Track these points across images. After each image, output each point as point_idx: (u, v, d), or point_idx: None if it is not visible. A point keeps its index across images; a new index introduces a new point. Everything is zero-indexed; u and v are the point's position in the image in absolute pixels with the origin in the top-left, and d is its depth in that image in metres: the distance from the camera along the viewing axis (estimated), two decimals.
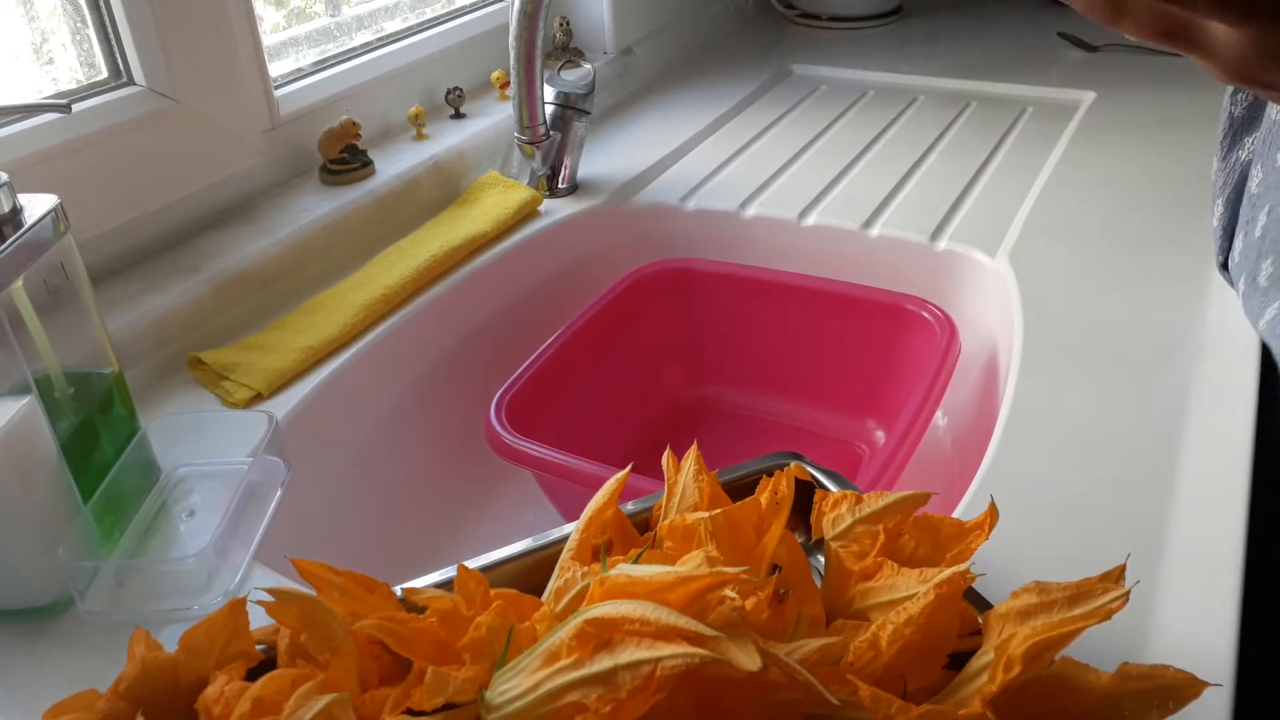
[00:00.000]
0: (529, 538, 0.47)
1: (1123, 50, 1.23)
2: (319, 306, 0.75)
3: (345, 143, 0.87)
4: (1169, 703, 0.36)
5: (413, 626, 0.38)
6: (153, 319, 0.70)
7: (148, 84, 0.77)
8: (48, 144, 0.69)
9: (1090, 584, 0.36)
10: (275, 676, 0.36)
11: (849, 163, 0.99)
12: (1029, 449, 0.58)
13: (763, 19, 1.48)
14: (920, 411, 0.65)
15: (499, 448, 0.67)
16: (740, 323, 0.88)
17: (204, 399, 0.67)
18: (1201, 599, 0.47)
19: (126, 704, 0.37)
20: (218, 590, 0.50)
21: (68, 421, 0.54)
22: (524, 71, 0.88)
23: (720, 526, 0.40)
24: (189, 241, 0.79)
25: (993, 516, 0.42)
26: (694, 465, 0.45)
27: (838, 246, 0.88)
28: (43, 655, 0.48)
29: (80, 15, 0.75)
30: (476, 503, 0.82)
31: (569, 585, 0.39)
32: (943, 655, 0.38)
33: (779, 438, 0.87)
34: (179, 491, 0.59)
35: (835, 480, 0.49)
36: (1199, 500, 0.53)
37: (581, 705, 0.33)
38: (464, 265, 0.84)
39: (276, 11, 0.93)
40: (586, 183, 0.97)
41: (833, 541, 0.44)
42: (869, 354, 0.82)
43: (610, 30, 1.17)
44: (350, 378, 0.72)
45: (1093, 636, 0.36)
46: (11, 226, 0.50)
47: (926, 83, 1.19)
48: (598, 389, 0.83)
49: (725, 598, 0.34)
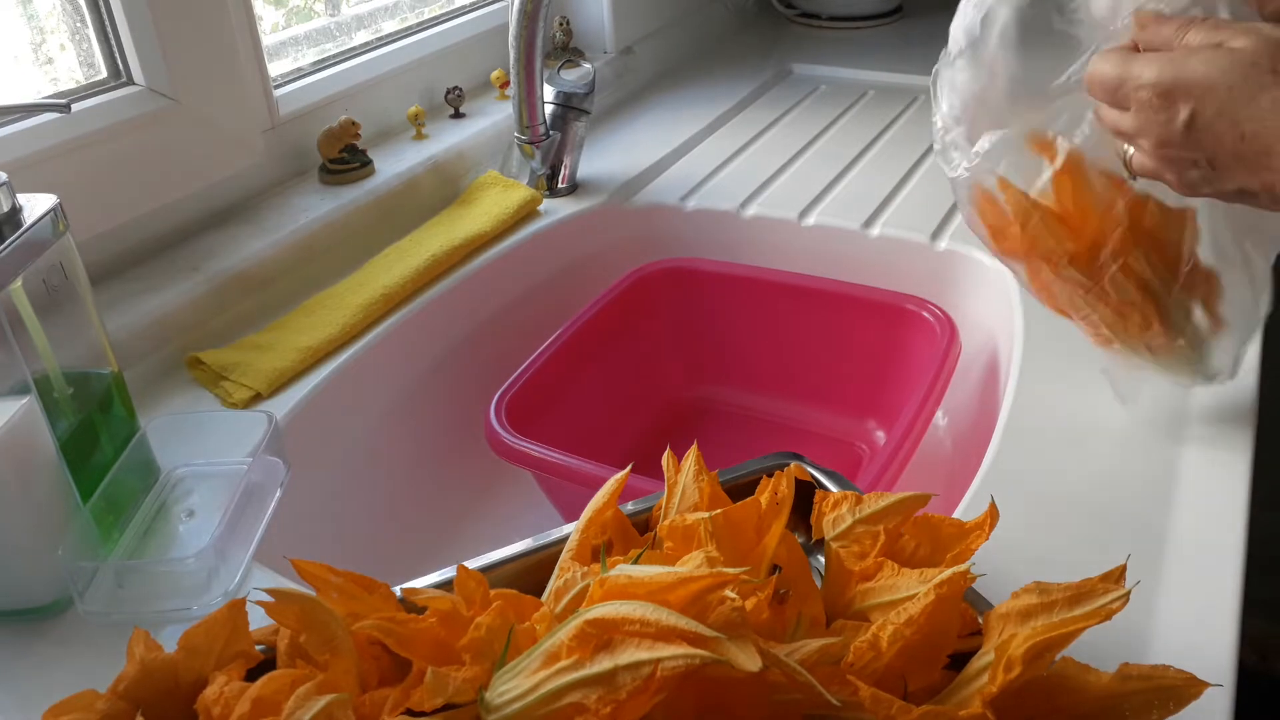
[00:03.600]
0: (529, 538, 0.47)
1: None
2: (318, 306, 0.75)
3: (345, 143, 0.87)
4: (1169, 703, 0.36)
5: (413, 627, 0.38)
6: (152, 319, 0.70)
7: (148, 84, 0.77)
8: (48, 144, 0.69)
9: (1090, 584, 0.36)
10: (275, 677, 0.36)
11: (849, 163, 0.99)
12: (1029, 449, 0.58)
13: (763, 19, 1.48)
14: (920, 411, 0.65)
15: (499, 448, 0.67)
16: (740, 323, 0.88)
17: (204, 399, 0.67)
18: (1201, 599, 0.47)
19: (126, 704, 0.37)
20: (217, 590, 0.50)
21: (67, 421, 0.54)
22: (524, 71, 0.88)
23: (720, 527, 0.40)
24: (188, 241, 0.79)
25: (993, 516, 0.42)
26: (694, 465, 0.45)
27: (838, 246, 0.88)
28: (43, 655, 0.48)
29: (80, 15, 0.75)
30: (476, 503, 0.82)
31: (569, 585, 0.39)
32: (943, 656, 0.38)
33: (779, 438, 0.87)
34: (179, 492, 0.59)
35: (835, 480, 0.49)
36: (1199, 500, 0.53)
37: (581, 706, 0.33)
38: (464, 265, 0.83)
39: (276, 11, 0.93)
40: (586, 183, 0.97)
41: (833, 542, 0.44)
42: (869, 354, 0.82)
43: (610, 30, 1.17)
44: (350, 378, 0.72)
45: (1093, 636, 0.36)
46: (11, 226, 0.50)
47: (926, 83, 1.18)
48: (598, 389, 0.83)
49: (725, 598, 0.34)
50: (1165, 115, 0.43)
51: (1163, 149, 0.44)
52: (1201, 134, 0.43)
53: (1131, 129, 0.46)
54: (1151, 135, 0.44)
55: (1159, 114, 0.44)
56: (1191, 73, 0.43)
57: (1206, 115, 0.42)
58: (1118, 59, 0.46)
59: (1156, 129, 0.44)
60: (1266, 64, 0.41)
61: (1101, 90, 0.46)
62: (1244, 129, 0.42)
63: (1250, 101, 0.41)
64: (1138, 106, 0.45)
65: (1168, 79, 0.43)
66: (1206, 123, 0.42)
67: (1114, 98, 0.46)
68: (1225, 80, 0.42)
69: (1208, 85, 0.42)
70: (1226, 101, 0.42)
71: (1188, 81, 0.43)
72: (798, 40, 1.39)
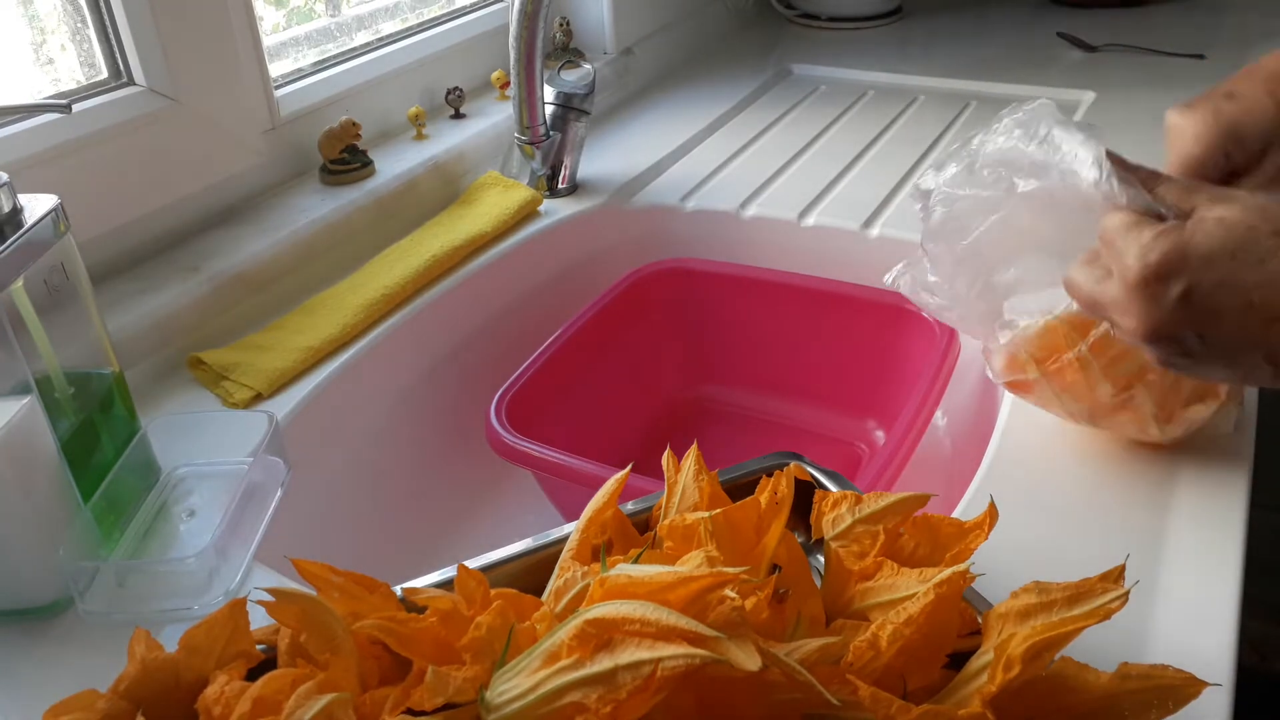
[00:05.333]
0: (529, 538, 0.47)
1: (1122, 51, 1.23)
2: (319, 306, 0.75)
3: (345, 143, 0.87)
4: (1169, 703, 0.36)
5: (413, 626, 0.38)
6: (153, 319, 0.70)
7: (148, 84, 0.77)
8: (48, 144, 0.69)
9: (1090, 584, 0.36)
10: (275, 676, 0.36)
11: (849, 163, 0.99)
12: (1029, 449, 0.58)
13: (763, 19, 1.48)
14: (920, 411, 0.65)
15: (499, 448, 0.67)
16: (740, 323, 0.88)
17: (204, 399, 0.67)
18: (1201, 599, 0.47)
19: (126, 704, 0.37)
20: (218, 590, 0.50)
21: (68, 421, 0.54)
22: (524, 71, 0.88)
23: (720, 526, 0.40)
24: (189, 241, 0.79)
25: (992, 516, 0.42)
26: (694, 465, 0.45)
27: (838, 246, 0.88)
28: (43, 655, 0.48)
29: (80, 15, 0.75)
30: (476, 503, 0.82)
31: (569, 585, 0.40)
32: (942, 655, 0.38)
33: (779, 438, 0.87)
34: (179, 491, 0.59)
35: (835, 480, 0.49)
36: (1198, 500, 0.53)
37: (582, 705, 0.33)
38: (464, 265, 0.84)
39: (276, 11, 0.93)
40: (586, 183, 0.97)
41: (833, 541, 0.44)
42: (869, 354, 0.82)
43: (610, 30, 1.17)
44: (350, 378, 0.72)
45: (1093, 636, 0.36)
46: (11, 226, 0.50)
47: (926, 83, 1.19)
48: (598, 389, 0.83)
49: (725, 598, 0.34)
50: (1155, 290, 0.41)
51: (1150, 327, 0.42)
52: (1197, 308, 0.41)
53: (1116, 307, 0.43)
54: (1136, 314, 0.42)
55: (1148, 289, 0.41)
56: (1190, 244, 0.40)
57: (1205, 287, 0.40)
58: (1090, 263, 0.45)
59: (1142, 306, 0.42)
60: (1265, 228, 0.40)
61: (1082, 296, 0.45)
62: (1252, 297, 0.40)
63: (1258, 267, 0.39)
64: (1124, 288, 0.42)
65: (1160, 253, 0.41)
66: (1205, 294, 0.40)
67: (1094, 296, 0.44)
68: (1225, 249, 0.40)
69: (1206, 256, 0.40)
70: (1229, 271, 0.40)
71: (1184, 253, 0.40)
72: (797, 40, 1.39)
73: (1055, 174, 0.47)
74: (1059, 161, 0.47)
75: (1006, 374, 0.56)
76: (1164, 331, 0.42)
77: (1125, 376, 0.52)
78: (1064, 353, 0.53)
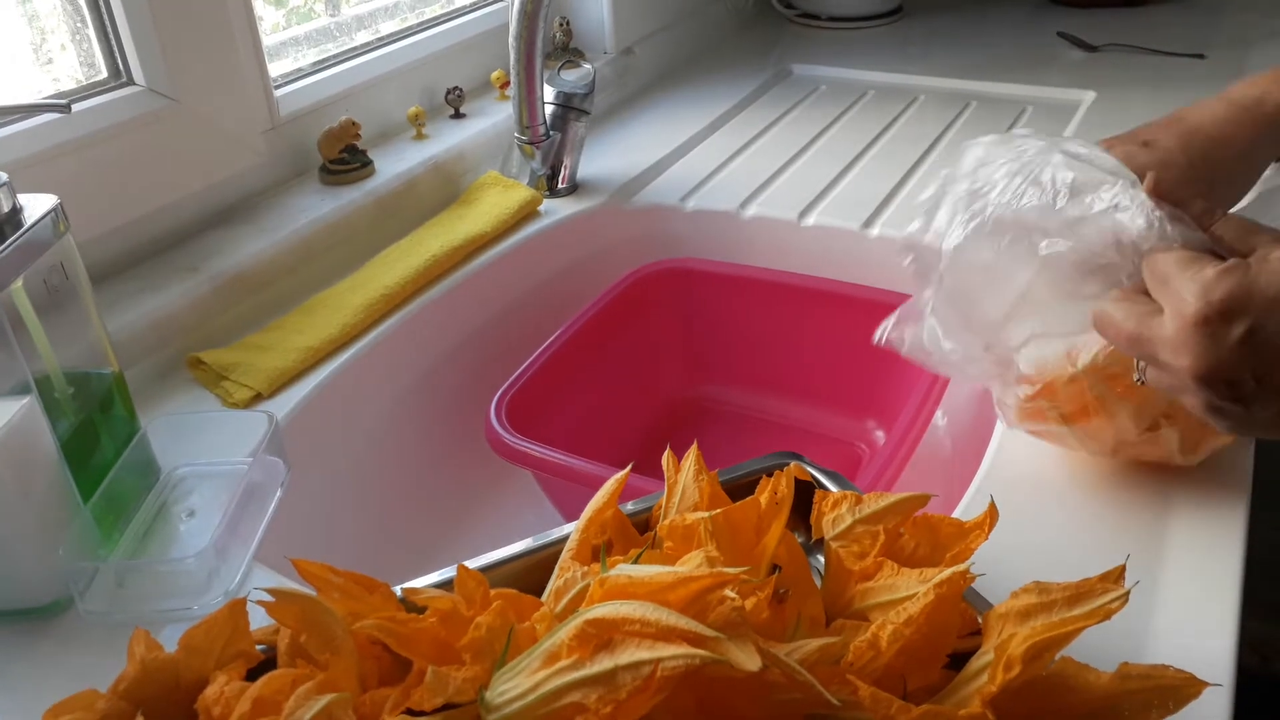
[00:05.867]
0: (529, 538, 0.47)
1: (1123, 50, 1.23)
2: (319, 306, 0.75)
3: (345, 143, 0.87)
4: (1169, 703, 0.36)
5: (413, 626, 0.38)
6: (153, 319, 0.70)
7: (148, 84, 0.77)
8: (48, 144, 0.69)
9: (1090, 584, 0.36)
10: (275, 676, 0.36)
11: (849, 163, 0.99)
12: (1029, 449, 0.58)
13: (763, 19, 1.48)
14: (920, 411, 0.65)
15: (499, 448, 0.67)
16: (740, 323, 0.88)
17: (204, 399, 0.67)
18: (1201, 599, 0.47)
19: (126, 704, 0.37)
20: (218, 590, 0.50)
21: (68, 421, 0.54)
22: (524, 71, 0.88)
23: (720, 526, 0.40)
24: (189, 241, 0.79)
25: (992, 516, 0.42)
26: (694, 465, 0.45)
27: (838, 246, 0.88)
28: (43, 655, 0.48)
29: (80, 15, 0.75)
30: (476, 503, 0.82)
31: (569, 585, 0.40)
32: (942, 655, 0.38)
33: (779, 438, 0.87)
34: (179, 491, 0.59)
35: (835, 480, 0.49)
36: (1199, 500, 0.53)
37: (582, 706, 0.33)
38: (464, 265, 0.84)
39: (276, 11, 0.93)
40: (586, 183, 0.97)
41: (833, 541, 0.44)
42: (869, 354, 0.82)
43: (610, 30, 1.17)
44: (350, 378, 0.72)
45: (1093, 636, 0.36)
46: (11, 226, 0.50)
47: (926, 83, 1.19)
48: (598, 389, 0.83)
49: (725, 598, 0.34)
50: (1216, 329, 0.40)
51: (1207, 367, 0.41)
52: (1259, 350, 0.40)
53: (1167, 346, 0.42)
54: (1193, 352, 0.41)
55: (1209, 327, 0.40)
56: (1255, 284, 0.40)
57: (1270, 329, 0.39)
58: (1128, 299, 0.44)
59: (1201, 344, 0.40)
60: None
61: (1123, 333, 0.44)
62: None
63: None
64: (1181, 325, 0.41)
65: (1225, 291, 0.40)
66: (1269, 336, 0.39)
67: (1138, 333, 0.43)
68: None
69: (1274, 298, 0.39)
70: None
71: (1250, 293, 0.40)
72: (797, 40, 1.39)
73: (1093, 229, 0.46)
74: (1098, 217, 0.46)
75: (1028, 425, 0.55)
76: (1220, 373, 0.41)
77: (1152, 418, 0.51)
78: (1089, 402, 0.51)
